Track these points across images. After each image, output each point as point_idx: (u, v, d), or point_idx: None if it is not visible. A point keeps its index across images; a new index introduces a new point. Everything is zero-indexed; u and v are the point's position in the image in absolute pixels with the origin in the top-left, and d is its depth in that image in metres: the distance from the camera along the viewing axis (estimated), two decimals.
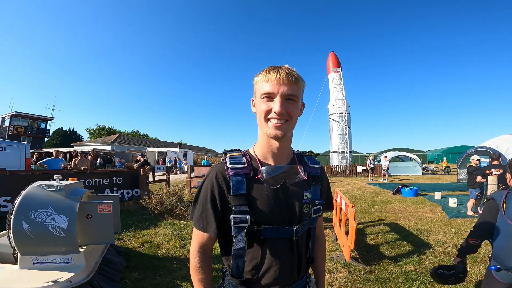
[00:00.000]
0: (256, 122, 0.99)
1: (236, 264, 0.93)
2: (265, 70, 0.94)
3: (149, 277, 3.13)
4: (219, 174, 0.95)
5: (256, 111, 0.97)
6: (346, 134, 23.85)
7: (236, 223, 0.90)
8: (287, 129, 0.92)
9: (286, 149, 1.01)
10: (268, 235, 0.92)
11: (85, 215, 2.58)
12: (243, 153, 1.01)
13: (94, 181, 6.69)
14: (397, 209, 7.51)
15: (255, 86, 0.97)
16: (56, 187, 2.47)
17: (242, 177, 0.93)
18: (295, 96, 0.91)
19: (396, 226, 5.57)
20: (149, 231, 4.94)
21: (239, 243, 0.91)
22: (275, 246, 0.94)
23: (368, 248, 4.28)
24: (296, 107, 0.93)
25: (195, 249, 0.99)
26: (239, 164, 0.95)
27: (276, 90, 0.88)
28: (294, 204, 0.96)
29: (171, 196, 6.58)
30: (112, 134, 48.17)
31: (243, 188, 0.92)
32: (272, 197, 0.93)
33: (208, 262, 1.00)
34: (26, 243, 2.25)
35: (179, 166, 24.96)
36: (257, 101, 0.95)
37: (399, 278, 3.17)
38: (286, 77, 0.88)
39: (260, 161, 0.98)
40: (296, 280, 1.00)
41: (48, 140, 41.83)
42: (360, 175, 20.76)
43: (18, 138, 25.23)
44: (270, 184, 0.94)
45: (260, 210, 0.91)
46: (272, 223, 0.92)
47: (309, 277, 1.10)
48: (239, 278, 0.94)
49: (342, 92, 24.47)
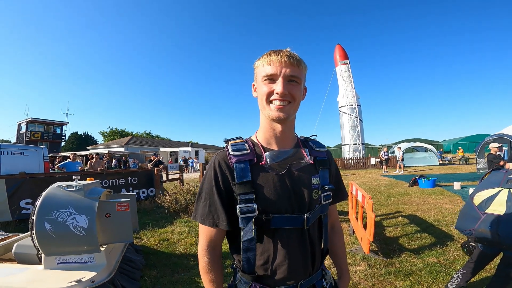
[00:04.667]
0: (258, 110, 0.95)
1: (246, 258, 0.89)
2: (266, 53, 0.91)
3: (167, 275, 3.16)
4: (222, 162, 0.91)
5: (258, 95, 0.94)
6: (357, 126, 23.48)
7: (243, 213, 0.86)
8: (290, 111, 0.89)
9: (290, 133, 0.98)
10: (277, 225, 0.87)
11: (104, 214, 2.61)
12: (245, 140, 0.97)
13: (110, 182, 6.84)
14: (415, 200, 7.32)
15: (256, 70, 0.94)
16: (75, 187, 2.51)
17: (246, 164, 0.89)
18: (298, 78, 0.88)
19: (415, 218, 5.42)
20: (165, 229, 5.01)
21: (247, 234, 0.86)
22: (286, 236, 0.89)
23: (387, 240, 4.18)
24: (298, 89, 0.89)
25: (204, 248, 0.94)
26: (242, 150, 0.92)
27: (279, 72, 0.86)
28: (303, 191, 0.91)
29: (185, 194, 6.64)
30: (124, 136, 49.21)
31: (248, 175, 0.88)
32: (278, 183, 0.89)
33: (218, 261, 0.96)
34: (49, 243, 2.30)
35: (191, 165, 25.24)
36: (258, 84, 0.92)
37: (422, 270, 3.07)
38: (287, 59, 0.86)
39: (263, 147, 0.95)
40: (312, 273, 0.95)
41: (65, 144, 43.09)
42: (374, 167, 20.39)
43: (35, 144, 26.01)
44: (275, 170, 0.90)
45: (267, 197, 0.87)
46: (281, 212, 0.88)
47: (325, 269, 1.05)
48: (251, 274, 0.89)
49: (351, 84, 24.05)
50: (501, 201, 1.89)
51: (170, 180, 10.15)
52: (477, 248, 2.25)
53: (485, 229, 1.89)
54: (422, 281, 2.85)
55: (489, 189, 2.02)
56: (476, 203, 1.97)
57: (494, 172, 2.18)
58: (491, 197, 1.95)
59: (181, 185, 8.47)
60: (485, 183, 2.12)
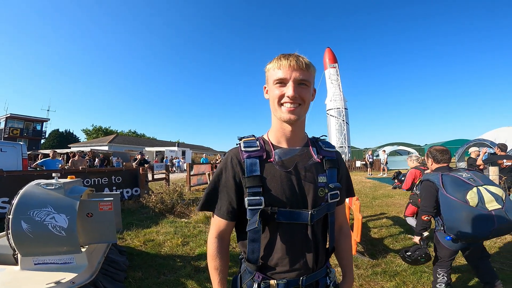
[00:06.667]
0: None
1: (252, 249, 0.93)
2: (277, 57, 0.96)
3: (153, 276, 3.07)
4: (234, 158, 0.97)
5: (269, 97, 0.99)
6: (344, 129, 23.87)
7: (250, 205, 0.91)
8: (301, 113, 0.94)
9: (300, 133, 1.02)
10: (282, 219, 0.92)
11: (86, 213, 2.50)
12: (257, 138, 1.03)
13: (92, 181, 6.61)
14: (398, 202, 7.50)
15: (267, 74, 0.99)
16: (55, 185, 2.39)
17: (256, 159, 0.95)
18: (307, 81, 0.93)
19: (399, 220, 5.54)
20: (150, 230, 4.87)
21: (252, 224, 0.90)
22: (290, 230, 0.93)
23: (373, 241, 4.25)
24: (308, 91, 0.94)
25: (213, 235, 0.99)
26: (253, 147, 0.98)
27: (289, 76, 0.90)
28: (308, 187, 0.95)
29: (171, 194, 6.52)
30: (109, 134, 47.90)
31: (257, 170, 0.94)
32: (285, 179, 0.94)
33: (225, 249, 1.00)
34: (26, 244, 2.18)
35: (178, 165, 24.86)
36: (270, 88, 0.97)
37: (407, 271, 3.13)
38: (296, 63, 0.90)
39: (273, 145, 1.00)
40: (315, 269, 0.97)
41: (45, 142, 41.48)
42: (359, 170, 20.78)
43: (14, 140, 24.92)
44: (282, 166, 0.95)
45: (273, 192, 0.92)
46: (285, 206, 0.92)
47: (330, 267, 1.06)
48: (255, 263, 0.94)
49: (339, 87, 24.45)
50: (489, 198, 2.01)
51: (156, 179, 9.96)
52: (444, 248, 2.35)
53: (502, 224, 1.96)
54: (407, 282, 2.90)
55: (469, 191, 2.06)
56: (475, 205, 2.02)
57: (432, 176, 2.32)
58: (480, 198, 2.02)
59: (167, 185, 8.31)
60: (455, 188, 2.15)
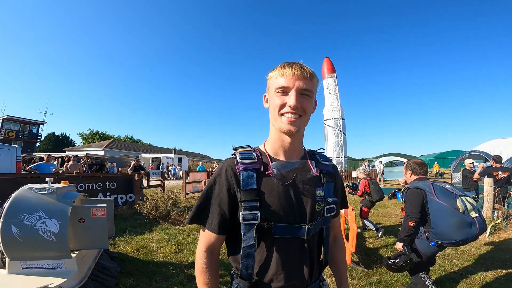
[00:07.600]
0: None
1: (245, 264, 0.88)
2: (280, 65, 0.92)
3: (144, 284, 3.01)
4: (229, 169, 0.92)
5: (270, 106, 0.95)
6: (341, 139, 24.00)
7: (245, 220, 0.85)
8: (301, 124, 0.90)
9: (298, 145, 0.99)
10: (278, 234, 0.88)
11: (78, 219, 2.47)
12: (253, 149, 0.98)
13: (86, 186, 6.54)
14: (393, 212, 7.51)
15: (269, 81, 0.95)
16: (48, 190, 2.37)
17: (253, 172, 0.90)
18: (310, 92, 0.90)
19: (394, 230, 5.53)
20: (144, 237, 4.81)
21: (248, 240, 0.86)
22: (286, 245, 0.89)
23: (368, 251, 4.23)
24: (310, 102, 0.91)
25: (202, 249, 0.94)
26: (250, 159, 0.93)
27: (292, 85, 0.87)
28: (306, 202, 0.92)
29: (166, 201, 6.45)
30: (105, 139, 47.56)
31: (253, 183, 0.88)
32: (282, 193, 0.89)
33: (214, 263, 0.95)
34: (15, 247, 2.15)
35: (174, 172, 24.68)
36: (271, 96, 0.93)
37: (401, 281, 3.12)
38: (301, 72, 0.87)
39: (271, 157, 0.96)
40: (309, 283, 0.94)
41: (40, 145, 41.11)
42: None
43: (9, 143, 24.62)
44: (280, 180, 0.91)
45: (270, 206, 0.87)
46: (282, 221, 0.88)
47: (323, 281, 1.05)
48: (248, 280, 0.89)
49: (337, 97, 24.71)
50: (469, 207, 2.24)
51: (151, 186, 9.86)
52: (423, 254, 2.50)
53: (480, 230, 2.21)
54: None
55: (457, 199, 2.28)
56: (463, 213, 2.24)
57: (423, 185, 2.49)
58: (465, 206, 2.25)
59: (163, 192, 8.25)
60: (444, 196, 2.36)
